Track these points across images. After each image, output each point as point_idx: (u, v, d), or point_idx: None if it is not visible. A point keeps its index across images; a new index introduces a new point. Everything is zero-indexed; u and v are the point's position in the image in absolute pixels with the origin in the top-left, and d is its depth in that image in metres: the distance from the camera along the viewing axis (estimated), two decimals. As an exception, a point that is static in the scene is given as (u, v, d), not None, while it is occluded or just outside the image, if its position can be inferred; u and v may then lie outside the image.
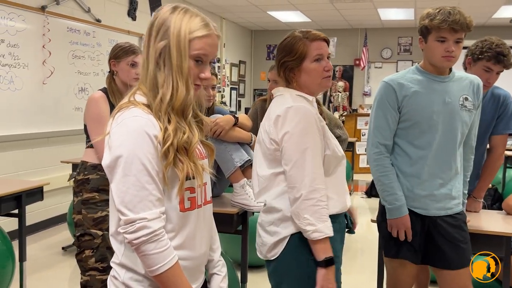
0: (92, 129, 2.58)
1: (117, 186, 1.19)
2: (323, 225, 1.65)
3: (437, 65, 2.13)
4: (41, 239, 4.80)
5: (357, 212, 2.07)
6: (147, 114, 1.22)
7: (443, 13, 2.05)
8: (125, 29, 6.18)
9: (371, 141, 2.20)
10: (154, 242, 1.18)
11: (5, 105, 4.48)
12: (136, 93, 1.30)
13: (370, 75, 10.27)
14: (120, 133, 1.20)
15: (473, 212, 2.64)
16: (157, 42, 1.27)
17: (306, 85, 1.81)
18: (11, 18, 4.49)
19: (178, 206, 1.26)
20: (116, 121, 1.22)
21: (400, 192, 2.15)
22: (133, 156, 1.18)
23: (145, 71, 1.29)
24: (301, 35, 1.81)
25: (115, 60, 2.65)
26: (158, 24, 1.28)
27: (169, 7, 1.31)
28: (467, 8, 7.74)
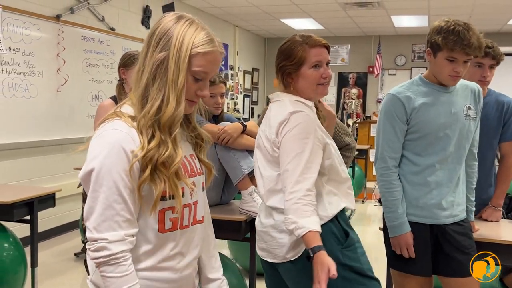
0: None
1: (87, 201, 1.15)
2: (305, 220, 1.61)
3: (442, 82, 2.13)
4: (53, 245, 4.84)
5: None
6: (129, 128, 1.17)
7: (457, 32, 1.99)
8: (139, 38, 6.24)
9: (380, 155, 2.18)
10: (113, 266, 1.13)
11: (20, 113, 4.55)
12: (124, 104, 1.26)
13: (384, 82, 10.22)
14: (96, 145, 1.16)
15: (494, 221, 2.60)
16: (156, 52, 1.21)
17: (303, 90, 1.80)
18: (27, 27, 4.57)
19: (156, 226, 1.21)
20: (96, 132, 1.19)
21: (402, 210, 2.13)
22: (105, 172, 1.13)
23: (138, 81, 1.23)
24: (301, 40, 1.80)
25: (125, 68, 2.69)
26: (160, 33, 1.21)
27: (174, 16, 1.24)
28: (481, 15, 7.75)
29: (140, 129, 1.18)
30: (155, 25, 1.25)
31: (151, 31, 1.25)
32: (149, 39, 1.24)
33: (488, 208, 2.63)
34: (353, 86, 9.96)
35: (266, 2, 7.13)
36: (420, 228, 2.14)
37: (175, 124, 1.21)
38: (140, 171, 1.16)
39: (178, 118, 1.20)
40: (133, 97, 1.24)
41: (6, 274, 2.99)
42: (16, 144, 4.54)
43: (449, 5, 7.03)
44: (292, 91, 1.81)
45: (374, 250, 4.82)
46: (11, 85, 4.44)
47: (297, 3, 7.23)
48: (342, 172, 1.85)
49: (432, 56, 2.11)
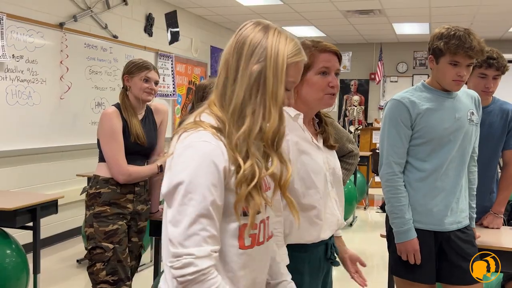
0: (104, 143, 2.62)
1: (173, 214, 1.10)
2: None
3: (445, 87, 2.13)
4: (56, 252, 4.85)
5: (355, 257, 1.86)
6: (216, 140, 1.11)
7: (458, 37, 2.01)
8: (141, 45, 6.29)
9: (385, 161, 2.16)
10: (200, 283, 1.07)
11: (23, 120, 4.58)
12: (203, 113, 1.18)
13: (385, 89, 10.24)
14: (185, 156, 1.10)
15: (495, 228, 2.61)
16: (251, 64, 1.14)
17: (306, 98, 1.66)
18: (30, 34, 4.61)
19: (236, 243, 1.15)
20: (182, 142, 1.12)
21: (409, 216, 2.12)
22: (195, 185, 1.08)
23: (226, 94, 1.17)
24: (310, 44, 1.66)
25: (129, 75, 2.71)
26: (253, 44, 1.16)
27: (257, 25, 1.20)
28: (482, 22, 7.78)
29: (234, 145, 1.13)
30: (239, 36, 1.19)
31: (237, 42, 1.18)
32: (239, 50, 1.17)
33: (489, 215, 2.64)
34: (355, 93, 9.98)
35: (269, 10, 7.17)
36: (425, 235, 2.14)
37: (281, 139, 1.17)
38: (230, 190, 1.12)
39: (283, 133, 1.17)
40: (215, 108, 1.18)
41: (9, 280, 3.00)
42: (19, 151, 4.56)
43: (451, 13, 7.06)
44: (295, 99, 1.61)
45: (375, 258, 4.82)
46: (14, 92, 4.47)
47: (299, 11, 7.26)
48: (308, 197, 1.62)
49: (434, 63, 2.12)
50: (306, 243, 1.63)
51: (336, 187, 1.75)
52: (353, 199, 5.96)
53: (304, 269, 1.63)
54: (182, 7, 7.14)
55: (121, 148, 2.59)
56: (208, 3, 6.94)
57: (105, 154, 2.61)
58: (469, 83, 2.61)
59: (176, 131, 1.17)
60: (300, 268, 1.61)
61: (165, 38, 6.89)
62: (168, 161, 1.14)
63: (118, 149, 2.58)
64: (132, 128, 2.64)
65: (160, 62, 6.75)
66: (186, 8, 7.23)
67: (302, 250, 1.62)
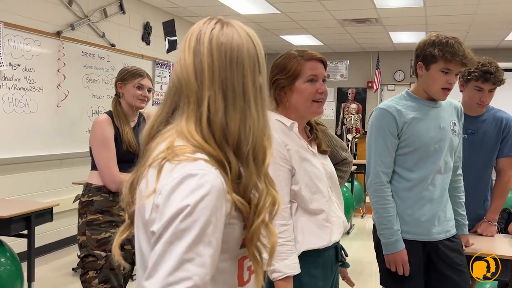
0: (96, 151, 2.61)
1: (160, 250, 0.89)
2: (282, 264, 1.53)
3: (433, 96, 2.12)
4: (51, 260, 4.83)
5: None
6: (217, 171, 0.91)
7: (452, 45, 2.02)
8: (139, 54, 6.31)
9: (373, 170, 2.14)
10: None
11: (20, 128, 4.58)
12: (179, 139, 0.95)
13: (383, 98, 10.25)
14: (185, 187, 0.87)
15: (489, 236, 2.61)
16: (257, 78, 0.99)
17: (296, 106, 1.70)
18: (27, 43, 4.62)
19: (235, 280, 1.00)
20: (170, 173, 0.89)
21: (397, 227, 2.11)
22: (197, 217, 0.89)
23: (233, 123, 0.95)
24: (296, 54, 1.71)
25: (122, 82, 2.72)
26: (252, 52, 0.99)
27: (221, 24, 1.00)
28: (478, 31, 7.83)
29: (245, 188, 0.95)
30: (227, 42, 0.97)
31: (230, 51, 0.97)
32: (238, 61, 0.97)
33: (483, 223, 2.64)
34: (353, 101, 10.01)
35: (266, 19, 7.21)
36: (413, 245, 2.13)
37: (269, 154, 1.01)
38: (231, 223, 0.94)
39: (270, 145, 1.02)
40: (206, 146, 0.94)
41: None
42: (16, 159, 4.56)
43: (447, 22, 7.10)
44: (284, 108, 1.72)
45: (373, 266, 4.80)
46: (11, 101, 4.47)
47: (296, 19, 7.30)
48: (315, 201, 1.68)
49: (424, 69, 2.10)
50: (319, 248, 1.66)
51: (335, 190, 1.80)
52: (351, 207, 5.95)
53: (318, 274, 1.67)
54: (180, 15, 7.18)
55: (113, 156, 2.59)
56: (205, 12, 6.98)
57: (97, 162, 2.61)
58: (465, 94, 2.62)
59: (148, 164, 0.95)
60: (314, 273, 1.66)
61: (163, 47, 6.92)
62: (148, 203, 0.91)
63: (110, 157, 2.58)
64: (124, 136, 2.64)
65: (157, 70, 6.77)
66: (184, 17, 7.26)
67: (316, 255, 1.66)
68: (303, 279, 1.63)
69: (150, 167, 0.93)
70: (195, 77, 0.96)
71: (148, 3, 6.48)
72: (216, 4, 6.31)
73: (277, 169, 1.59)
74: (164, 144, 0.94)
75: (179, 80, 0.98)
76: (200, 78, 0.96)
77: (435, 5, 6.17)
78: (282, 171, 1.62)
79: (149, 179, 0.92)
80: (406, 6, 6.31)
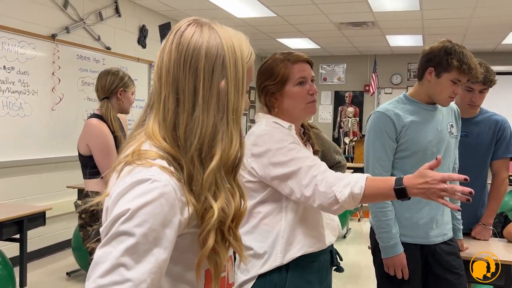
0: (101, 157, 2.62)
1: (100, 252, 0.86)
2: (349, 179, 1.46)
3: (437, 102, 2.12)
4: (45, 264, 4.80)
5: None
6: (173, 180, 0.88)
7: (467, 57, 2.01)
8: (135, 57, 6.29)
9: (371, 174, 2.13)
10: None
11: (14, 131, 4.55)
12: (144, 147, 0.93)
13: (380, 101, 10.25)
14: (132, 194, 0.86)
15: (482, 240, 2.60)
16: (215, 82, 0.93)
17: (289, 110, 1.69)
18: (22, 46, 4.60)
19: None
20: (123, 178, 0.89)
21: (396, 230, 2.09)
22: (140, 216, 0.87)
23: (181, 124, 0.92)
24: (282, 57, 1.69)
25: (124, 89, 2.70)
26: (210, 54, 0.93)
27: (196, 24, 0.98)
28: (475, 34, 7.84)
29: (201, 187, 0.91)
30: (185, 43, 0.95)
31: (185, 52, 0.94)
32: (191, 64, 0.93)
33: (478, 226, 2.62)
34: (350, 105, 10.00)
35: (263, 22, 7.20)
36: (411, 248, 2.11)
37: (240, 163, 0.97)
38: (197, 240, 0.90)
39: (242, 155, 0.97)
40: (164, 144, 0.92)
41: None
42: (10, 163, 4.53)
43: (444, 25, 7.10)
44: (277, 112, 1.70)
45: (370, 269, 4.78)
46: (5, 104, 4.45)
47: (293, 23, 7.29)
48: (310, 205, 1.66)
49: (434, 75, 2.08)
50: (314, 251, 1.64)
51: None
52: (347, 211, 5.94)
53: (314, 278, 1.65)
54: (176, 18, 7.16)
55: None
56: (201, 15, 6.87)
57: (102, 168, 2.58)
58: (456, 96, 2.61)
59: (113, 167, 0.94)
60: (310, 278, 1.63)
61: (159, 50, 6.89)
62: (104, 203, 0.91)
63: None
64: (117, 142, 2.64)
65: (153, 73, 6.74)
66: (180, 20, 7.24)
67: (311, 259, 1.64)
68: (299, 285, 1.61)
69: (114, 170, 0.93)
70: (157, 76, 0.96)
71: (144, 6, 6.47)
72: (212, 7, 6.30)
73: (296, 147, 1.57)
74: (131, 148, 0.93)
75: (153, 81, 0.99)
76: (159, 76, 0.95)
77: (432, 8, 6.17)
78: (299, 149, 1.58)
79: (110, 182, 0.92)
80: (402, 10, 6.31)
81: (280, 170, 1.54)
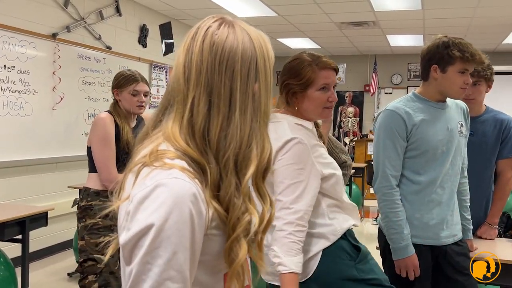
0: (96, 148, 2.58)
1: (136, 272, 0.83)
2: (290, 259, 1.56)
3: (451, 96, 2.10)
4: (46, 265, 4.77)
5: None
6: (192, 180, 0.85)
7: (466, 45, 2.02)
8: (135, 56, 6.26)
9: (382, 174, 2.08)
10: None
11: (15, 131, 4.52)
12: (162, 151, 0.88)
13: (380, 101, 10.25)
14: (152, 199, 0.83)
15: (488, 239, 2.58)
16: (250, 85, 0.90)
17: (307, 112, 1.76)
18: (22, 45, 4.57)
19: None
20: (143, 181, 0.85)
21: (407, 231, 2.06)
22: (165, 236, 0.84)
23: (214, 129, 0.88)
24: (310, 60, 1.74)
25: (118, 89, 2.69)
26: (246, 56, 0.90)
27: (226, 24, 0.93)
28: (476, 34, 7.84)
29: (241, 192, 0.89)
30: (220, 43, 0.90)
31: (220, 52, 0.89)
32: (228, 65, 0.89)
33: (483, 226, 2.61)
34: (350, 105, 9.98)
35: (263, 21, 7.18)
36: (422, 250, 2.08)
37: (269, 168, 0.94)
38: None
39: (271, 161, 0.94)
40: (190, 150, 0.88)
41: (-4, 295, 2.94)
42: (10, 163, 4.49)
43: (445, 25, 7.09)
44: (295, 111, 1.77)
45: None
46: (5, 103, 4.41)
47: (294, 22, 7.28)
48: (346, 199, 1.82)
49: (439, 72, 2.06)
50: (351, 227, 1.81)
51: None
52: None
53: (342, 255, 1.76)
54: (177, 18, 7.14)
55: (113, 155, 2.57)
56: (202, 14, 6.89)
57: (96, 159, 2.58)
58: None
59: (129, 168, 0.90)
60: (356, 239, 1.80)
61: (160, 50, 6.87)
62: (122, 208, 0.87)
63: (109, 155, 2.56)
64: (124, 135, 2.61)
65: (154, 73, 6.73)
66: (181, 19, 7.22)
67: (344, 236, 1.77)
68: (362, 248, 1.79)
69: (130, 171, 0.89)
70: (183, 76, 0.91)
71: (145, 5, 6.44)
72: (213, 6, 6.27)
73: (312, 175, 1.65)
74: (148, 149, 0.90)
75: (172, 80, 0.94)
76: (187, 77, 0.90)
77: (434, 8, 6.16)
78: (315, 177, 1.68)
79: (126, 184, 0.89)
80: (404, 9, 6.29)
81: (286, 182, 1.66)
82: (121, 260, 0.88)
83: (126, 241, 0.82)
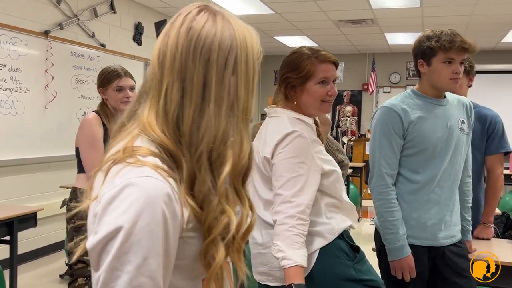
0: (84, 150, 2.53)
1: (104, 278, 0.76)
2: (293, 252, 1.52)
3: (443, 88, 2.03)
4: (38, 266, 4.68)
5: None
6: (165, 178, 0.78)
7: (447, 34, 1.97)
8: (130, 54, 6.18)
9: (377, 172, 2.03)
10: None
11: (6, 130, 4.44)
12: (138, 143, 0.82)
13: (378, 100, 10.18)
14: (121, 199, 0.76)
15: (485, 239, 2.52)
16: (227, 76, 0.84)
17: (306, 105, 1.73)
18: (14, 42, 4.48)
19: None
20: (112, 180, 0.78)
21: (403, 231, 2.00)
22: (134, 241, 0.79)
23: (188, 120, 0.82)
24: (310, 53, 1.72)
25: (103, 88, 2.62)
26: (224, 46, 0.84)
27: (207, 11, 0.88)
28: (475, 33, 7.77)
29: (217, 192, 0.82)
30: (196, 30, 0.85)
31: (196, 41, 0.84)
32: (202, 54, 0.83)
33: (479, 225, 2.56)
34: (348, 104, 9.91)
35: (260, 19, 7.10)
36: (418, 251, 2.02)
37: (250, 170, 0.89)
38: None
39: (251, 162, 0.89)
40: (167, 140, 0.82)
41: (-17, 298, 2.86)
42: (1, 162, 4.41)
43: (444, 22, 7.02)
44: (294, 105, 1.74)
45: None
46: (-4, 102, 4.34)
47: (291, 20, 7.20)
48: (345, 197, 1.79)
49: (425, 66, 2.04)
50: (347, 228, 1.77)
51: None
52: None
53: (340, 255, 1.72)
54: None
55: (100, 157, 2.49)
56: (198, 12, 6.87)
57: (84, 161, 2.52)
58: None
59: (99, 166, 0.83)
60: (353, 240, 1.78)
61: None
62: (91, 209, 0.80)
63: (97, 157, 2.50)
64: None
65: (149, 71, 6.64)
66: (177, 17, 7.15)
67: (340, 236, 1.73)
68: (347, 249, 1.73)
69: (100, 169, 0.82)
70: (157, 61, 0.86)
71: (140, 2, 6.36)
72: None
73: (312, 169, 1.62)
74: (121, 144, 0.83)
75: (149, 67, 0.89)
76: (162, 61, 0.85)
77: (432, 5, 6.09)
78: (315, 171, 1.64)
79: (95, 183, 0.82)
80: (402, 7, 6.23)
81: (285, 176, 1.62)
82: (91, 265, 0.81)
83: (93, 245, 0.75)
